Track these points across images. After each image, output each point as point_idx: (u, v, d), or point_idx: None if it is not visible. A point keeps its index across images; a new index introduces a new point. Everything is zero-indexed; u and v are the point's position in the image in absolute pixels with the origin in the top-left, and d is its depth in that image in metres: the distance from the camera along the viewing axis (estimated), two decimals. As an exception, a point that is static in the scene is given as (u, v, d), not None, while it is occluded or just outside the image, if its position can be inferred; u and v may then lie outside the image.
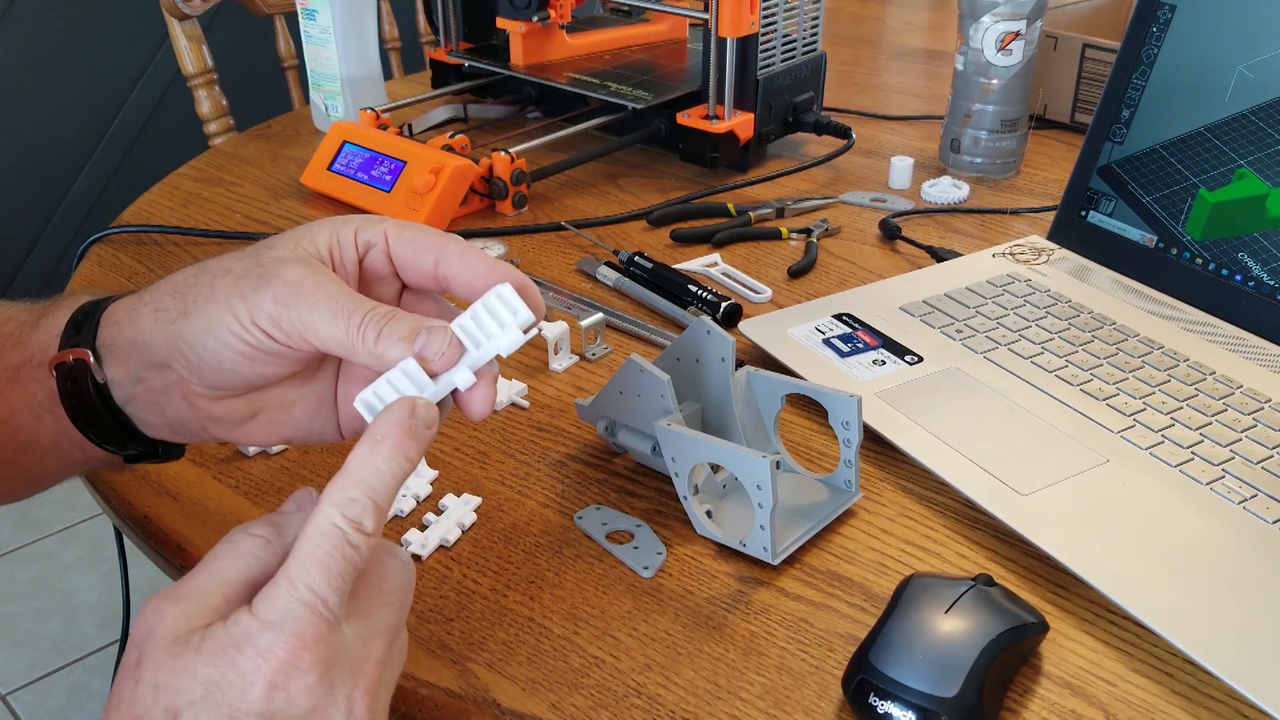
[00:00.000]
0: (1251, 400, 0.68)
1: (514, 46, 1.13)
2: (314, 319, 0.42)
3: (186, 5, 1.37)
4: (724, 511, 0.62)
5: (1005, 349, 0.74)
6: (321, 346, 0.43)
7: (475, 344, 0.43)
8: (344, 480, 0.40)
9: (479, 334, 0.43)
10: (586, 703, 0.50)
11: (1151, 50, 0.82)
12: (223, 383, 0.45)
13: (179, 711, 0.36)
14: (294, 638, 0.37)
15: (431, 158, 0.96)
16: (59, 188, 2.25)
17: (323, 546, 0.38)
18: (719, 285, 0.87)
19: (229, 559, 0.39)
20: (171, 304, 0.45)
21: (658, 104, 1.04)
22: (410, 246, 0.45)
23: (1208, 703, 0.50)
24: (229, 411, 0.47)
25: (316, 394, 0.48)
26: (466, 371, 0.43)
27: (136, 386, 0.47)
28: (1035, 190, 1.05)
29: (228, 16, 1.86)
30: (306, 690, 0.37)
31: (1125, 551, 0.56)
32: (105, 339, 0.47)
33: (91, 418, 0.48)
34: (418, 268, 0.46)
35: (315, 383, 0.48)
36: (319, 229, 0.45)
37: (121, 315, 0.47)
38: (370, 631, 0.40)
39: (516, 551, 0.59)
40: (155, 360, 0.45)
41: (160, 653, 0.37)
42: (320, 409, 0.48)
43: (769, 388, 0.63)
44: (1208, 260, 0.78)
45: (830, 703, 0.50)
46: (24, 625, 1.79)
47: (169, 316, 0.44)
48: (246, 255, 0.44)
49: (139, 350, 0.46)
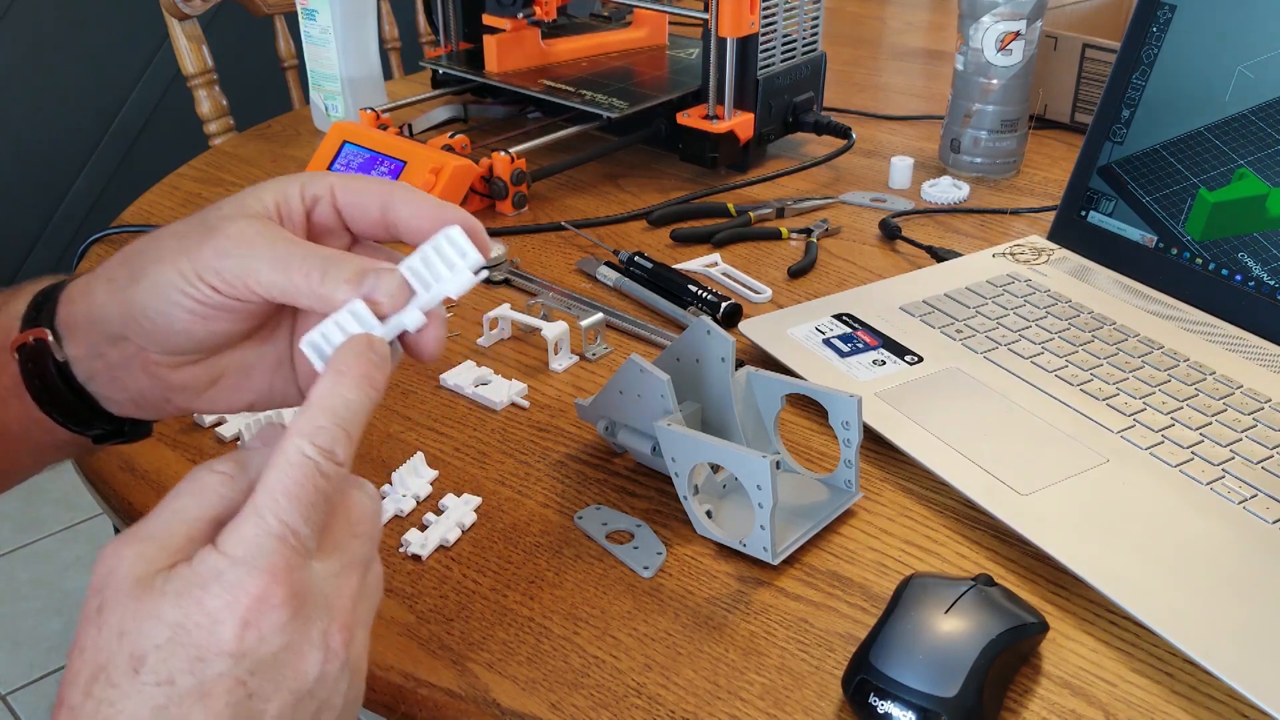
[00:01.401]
0: (1251, 400, 0.68)
1: (489, 53, 1.12)
2: (255, 266, 0.42)
3: (186, 5, 1.37)
4: (724, 511, 0.62)
5: (1005, 349, 0.74)
6: (265, 294, 0.42)
7: (425, 286, 0.42)
8: (311, 411, 0.39)
9: (428, 276, 0.42)
10: (586, 703, 0.50)
11: (1151, 50, 0.82)
12: (178, 345, 0.45)
13: (144, 656, 0.34)
14: (264, 573, 0.35)
15: (431, 158, 0.96)
16: (59, 188, 2.25)
17: (292, 476, 0.37)
18: (719, 285, 0.87)
19: (190, 496, 0.38)
20: (121, 272, 0.45)
21: (632, 113, 1.04)
22: (357, 195, 0.45)
23: (1208, 703, 0.50)
24: (190, 379, 0.46)
25: (274, 355, 0.48)
26: (416, 312, 0.42)
27: (96, 362, 0.47)
28: (1035, 190, 1.05)
29: (228, 16, 1.86)
30: (279, 627, 0.35)
31: (1125, 551, 0.56)
32: (63, 317, 0.47)
33: (55, 398, 0.47)
34: (365, 216, 0.45)
35: (272, 343, 0.48)
36: (265, 187, 0.45)
37: (77, 292, 0.47)
38: (342, 565, 0.38)
39: (516, 551, 0.59)
40: (112, 332, 0.45)
41: (122, 596, 0.35)
42: (279, 370, 0.48)
43: (769, 388, 0.63)
44: (1208, 260, 0.78)
45: (830, 703, 0.50)
46: (24, 625, 1.79)
47: (120, 285, 0.44)
48: (194, 217, 0.44)
49: (95, 325, 0.46)
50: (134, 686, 0.34)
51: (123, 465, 0.66)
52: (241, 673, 0.35)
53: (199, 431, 0.68)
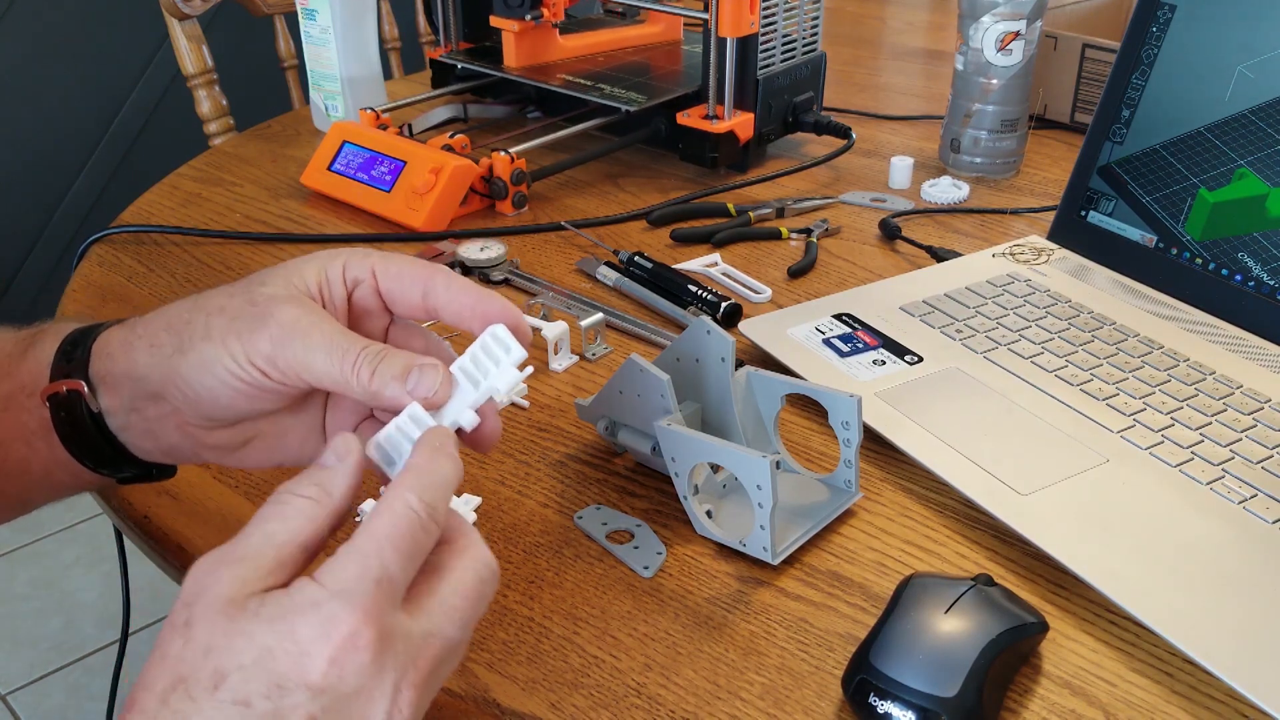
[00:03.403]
0: (1251, 400, 0.68)
1: (507, 48, 1.13)
2: (309, 359, 0.43)
3: (186, 5, 1.37)
4: (724, 511, 0.62)
5: (1005, 349, 0.74)
6: (317, 384, 0.44)
7: (474, 384, 0.45)
8: (414, 473, 0.40)
9: (477, 374, 0.45)
10: (586, 703, 0.50)
11: (1151, 50, 0.82)
12: (218, 416, 0.46)
13: (226, 674, 0.35)
14: (361, 611, 0.36)
15: (431, 158, 0.96)
16: (59, 188, 2.25)
17: (398, 526, 0.38)
18: (719, 285, 0.87)
19: (279, 521, 0.39)
20: (166, 340, 0.45)
21: (651, 106, 1.04)
22: (398, 281, 0.47)
23: (1208, 703, 0.50)
24: (223, 440, 0.48)
25: (307, 422, 0.49)
26: (470, 412, 0.45)
27: (131, 416, 0.47)
28: (1035, 190, 1.05)
29: (228, 16, 1.86)
30: (360, 669, 0.36)
31: (1125, 551, 0.56)
32: (99, 370, 0.47)
33: (87, 445, 0.48)
34: (406, 300, 0.47)
35: (305, 411, 0.49)
36: (307, 265, 0.46)
37: (115, 348, 0.47)
38: (432, 629, 0.39)
39: (516, 551, 0.59)
40: (150, 391, 0.46)
41: (214, 614, 0.36)
42: (311, 435, 0.49)
43: (769, 388, 0.63)
44: (1208, 260, 0.78)
45: (830, 703, 0.50)
46: (24, 625, 1.79)
47: (164, 352, 0.45)
48: (239, 292, 0.45)
49: (134, 383, 0.47)
50: (211, 703, 0.35)
51: (123, 465, 0.66)
52: (315, 708, 0.35)
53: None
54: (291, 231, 0.96)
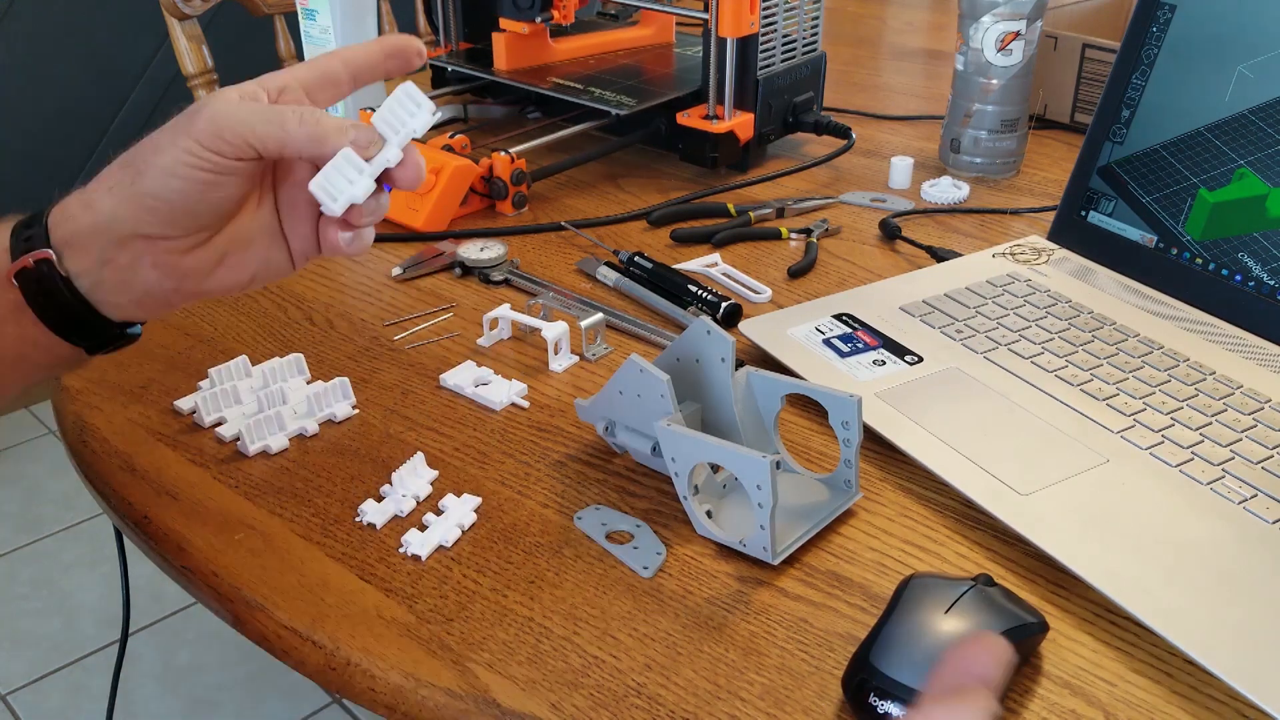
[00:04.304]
0: (1251, 400, 0.68)
1: (497, 51, 1.12)
2: (251, 123, 0.49)
3: (186, 5, 1.37)
4: (724, 511, 0.62)
5: (1005, 349, 0.74)
6: (262, 147, 0.49)
7: (394, 131, 0.52)
8: None
9: (395, 122, 0.52)
10: (586, 703, 0.50)
11: (1151, 50, 0.82)
12: (193, 220, 0.51)
13: None
14: None
15: (431, 158, 0.96)
16: (59, 187, 2.25)
17: None
18: (719, 285, 0.87)
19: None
20: (121, 176, 0.50)
21: (640, 110, 1.04)
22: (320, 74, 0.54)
23: (1208, 703, 0.50)
24: (199, 262, 0.52)
25: (267, 226, 0.54)
26: (395, 149, 0.52)
27: (104, 270, 0.51)
28: (1035, 190, 1.05)
29: (228, 16, 1.86)
30: None
31: (1125, 551, 0.56)
32: (63, 235, 0.51)
33: (62, 312, 0.51)
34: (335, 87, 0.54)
35: (262, 212, 0.54)
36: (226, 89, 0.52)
37: (75, 209, 0.51)
38: None
39: (516, 551, 0.59)
40: (122, 234, 0.50)
41: None
42: (274, 241, 0.55)
43: (769, 388, 0.63)
44: (1208, 260, 0.78)
45: (830, 703, 0.50)
46: (24, 625, 1.79)
47: (125, 186, 0.50)
48: (175, 113, 0.51)
49: (102, 233, 0.50)
50: None
51: (122, 465, 0.66)
52: None
53: (199, 432, 0.68)
54: (291, 231, 0.96)
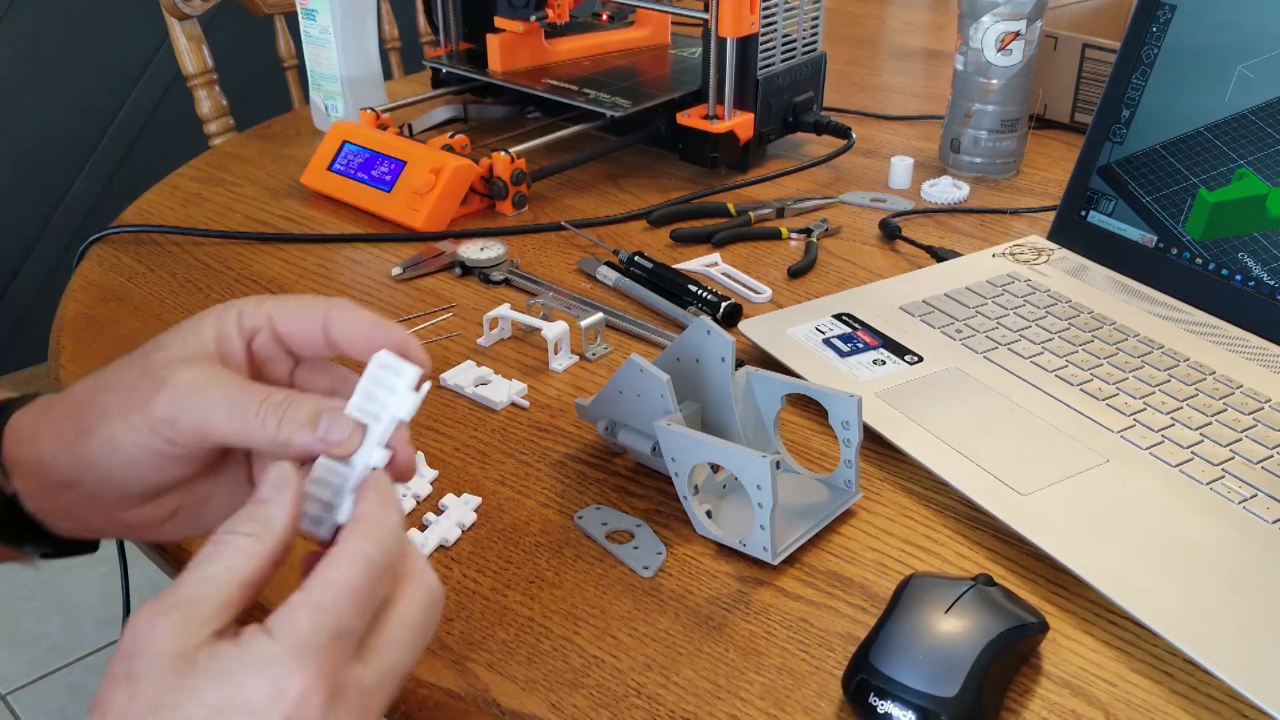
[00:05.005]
0: (1251, 400, 0.68)
1: (491, 53, 1.12)
2: (210, 417, 0.41)
3: (186, 5, 1.37)
4: (724, 511, 0.62)
5: (1005, 349, 0.74)
6: (222, 442, 0.42)
7: (375, 419, 0.42)
8: (367, 522, 0.39)
9: (375, 407, 0.42)
10: (586, 703, 0.50)
11: (1151, 50, 0.82)
12: (133, 490, 0.44)
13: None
14: (315, 668, 0.35)
15: (431, 158, 0.96)
16: (59, 188, 2.25)
17: (356, 579, 0.37)
18: (719, 285, 0.87)
19: (218, 562, 0.37)
20: (67, 425, 0.44)
21: (635, 111, 1.04)
22: (295, 323, 0.45)
23: (1208, 703, 0.50)
24: (145, 517, 0.46)
25: (231, 483, 0.47)
26: (378, 450, 0.42)
27: (47, 501, 0.46)
28: (1035, 190, 1.05)
29: (228, 16, 1.86)
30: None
31: (1125, 551, 0.56)
32: (11, 456, 0.46)
33: (13, 528, 0.47)
34: (307, 340, 0.45)
35: (225, 474, 0.47)
36: (204, 321, 0.45)
37: (25, 434, 0.46)
38: (384, 669, 0.38)
39: (516, 551, 0.59)
40: (62, 479, 0.45)
41: (159, 669, 0.34)
42: (237, 494, 0.47)
43: (769, 388, 0.63)
44: (1208, 260, 0.78)
45: (830, 703, 0.50)
46: (24, 625, 1.79)
47: (67, 439, 0.44)
48: (135, 362, 0.44)
49: (44, 470, 0.45)
50: None
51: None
52: None
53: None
54: (291, 231, 0.96)
